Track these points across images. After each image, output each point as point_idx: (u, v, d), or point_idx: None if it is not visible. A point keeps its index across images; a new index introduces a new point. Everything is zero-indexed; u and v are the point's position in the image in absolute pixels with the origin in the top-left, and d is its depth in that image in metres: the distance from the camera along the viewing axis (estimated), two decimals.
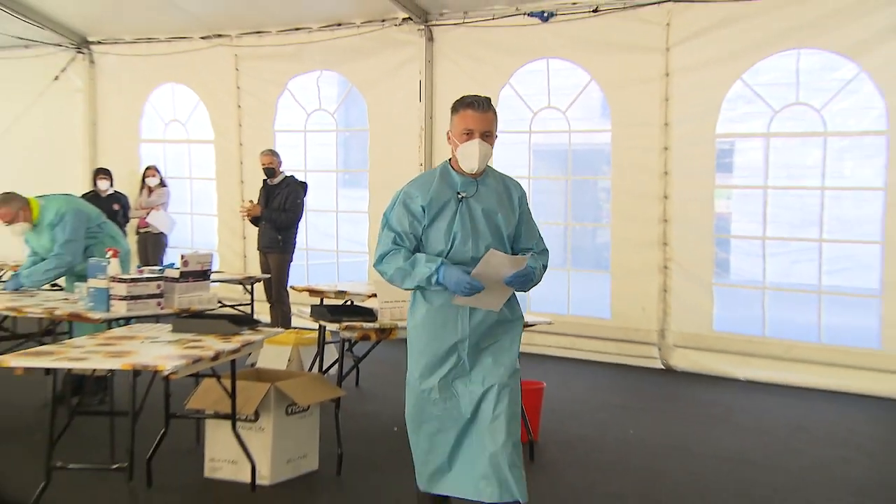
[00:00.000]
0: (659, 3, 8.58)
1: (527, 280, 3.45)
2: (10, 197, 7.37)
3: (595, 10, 8.94)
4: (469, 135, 3.33)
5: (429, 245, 3.52)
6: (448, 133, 3.57)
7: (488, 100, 3.46)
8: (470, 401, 3.52)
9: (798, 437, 7.08)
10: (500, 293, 3.46)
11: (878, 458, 6.72)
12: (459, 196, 3.42)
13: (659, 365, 9.15)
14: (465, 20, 9.68)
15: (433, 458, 3.66)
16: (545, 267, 3.65)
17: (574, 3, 9.06)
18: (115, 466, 5.01)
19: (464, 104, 3.42)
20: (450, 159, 3.59)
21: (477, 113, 3.35)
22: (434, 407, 3.56)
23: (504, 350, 3.66)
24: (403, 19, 9.88)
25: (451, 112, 3.51)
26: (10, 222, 7.38)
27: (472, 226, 3.46)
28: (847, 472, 6.32)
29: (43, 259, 7.46)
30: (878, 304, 8.19)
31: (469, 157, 3.38)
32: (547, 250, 3.76)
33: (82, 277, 6.75)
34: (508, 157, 9.87)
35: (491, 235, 3.49)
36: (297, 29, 10.57)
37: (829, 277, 8.53)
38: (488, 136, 3.38)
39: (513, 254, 3.60)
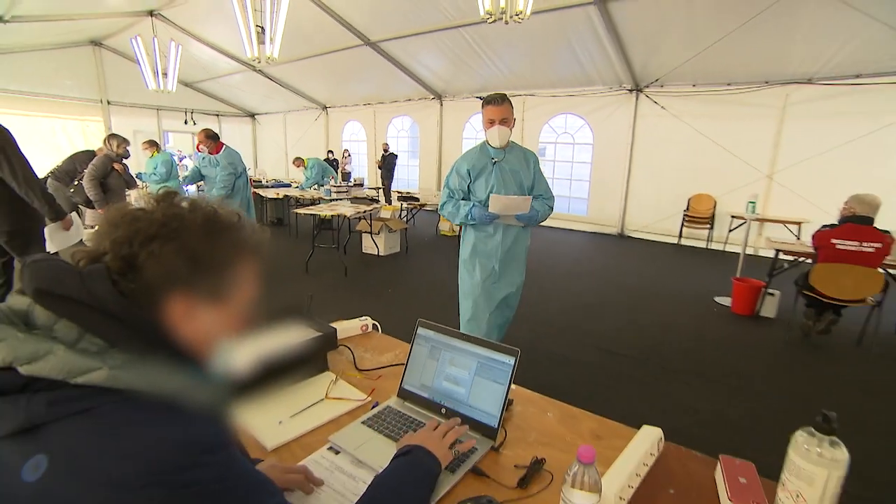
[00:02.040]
0: (521, 96, 8.31)
1: (531, 219, 2.52)
2: (298, 157, 7.90)
3: (502, 98, 8.94)
4: (492, 123, 2.43)
5: (475, 195, 2.56)
6: (482, 120, 2.51)
7: (503, 96, 2.46)
8: (499, 294, 2.62)
9: (562, 243, 7.17)
10: (514, 213, 2.48)
11: (582, 246, 6.88)
12: (493, 161, 2.50)
13: None
14: (454, 100, 9.46)
15: (473, 321, 2.64)
16: (551, 208, 2.65)
17: (491, 94, 8.98)
18: (334, 246, 5.37)
19: (486, 102, 2.47)
20: (486, 139, 2.54)
21: (495, 107, 2.42)
22: (476, 299, 2.60)
23: (519, 265, 2.67)
24: (432, 98, 9.62)
25: (482, 107, 2.49)
26: (297, 167, 7.92)
27: (503, 181, 2.51)
28: (576, 253, 6.51)
29: (307, 179, 7.79)
30: (586, 202, 8.31)
31: (493, 138, 2.46)
32: (552, 197, 2.69)
33: (322, 185, 7.33)
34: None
35: (516, 186, 2.54)
36: (394, 101, 10.28)
37: (574, 192, 8.53)
38: (505, 121, 2.42)
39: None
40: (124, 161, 4.97)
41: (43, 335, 0.48)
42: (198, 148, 4.66)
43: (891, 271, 3.32)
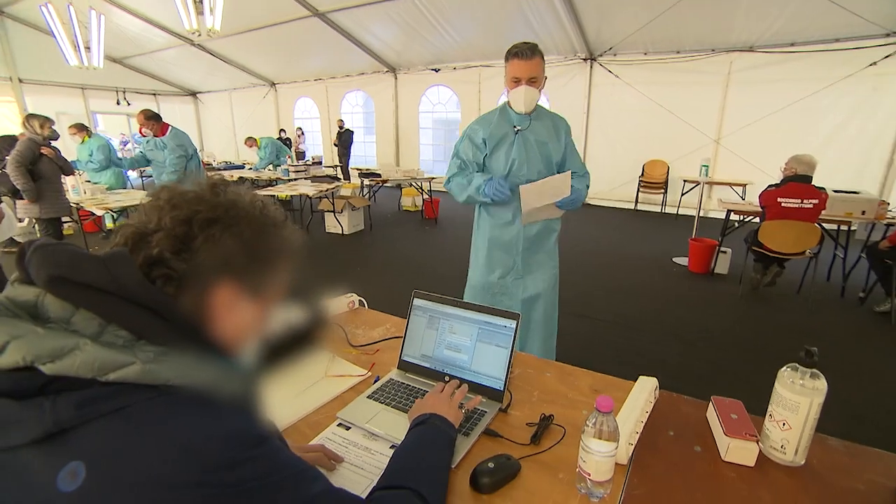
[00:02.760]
0: (475, 67, 8.34)
1: (574, 202, 1.94)
2: (250, 137, 7.52)
3: (454, 68, 8.62)
4: (517, 82, 1.83)
5: (492, 170, 1.99)
6: (504, 78, 1.89)
7: (534, 47, 1.82)
8: (523, 293, 2.08)
9: None
10: (551, 209, 1.95)
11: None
12: (516, 129, 1.93)
13: None
14: (408, 73, 9.26)
15: None
16: (587, 186, 2.05)
17: (446, 65, 8.67)
18: (296, 227, 5.46)
19: (511, 54, 1.83)
20: (508, 100, 1.94)
21: (522, 61, 1.80)
22: (493, 297, 2.11)
23: (550, 257, 2.11)
24: (385, 71, 9.39)
25: (505, 60, 1.86)
26: (250, 147, 7.55)
27: (527, 154, 1.93)
28: None
29: (261, 160, 7.47)
30: None
31: (517, 101, 1.87)
32: (588, 173, 2.07)
33: (277, 165, 7.05)
34: (424, 120, 9.91)
35: (542, 162, 1.95)
36: (347, 75, 9.94)
37: None
38: (534, 80, 1.83)
39: None
40: (53, 143, 4.52)
41: (60, 329, 0.44)
42: (140, 132, 4.31)
43: (825, 225, 3.63)
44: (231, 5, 5.34)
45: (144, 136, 4.29)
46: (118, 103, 10.91)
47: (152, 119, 4.16)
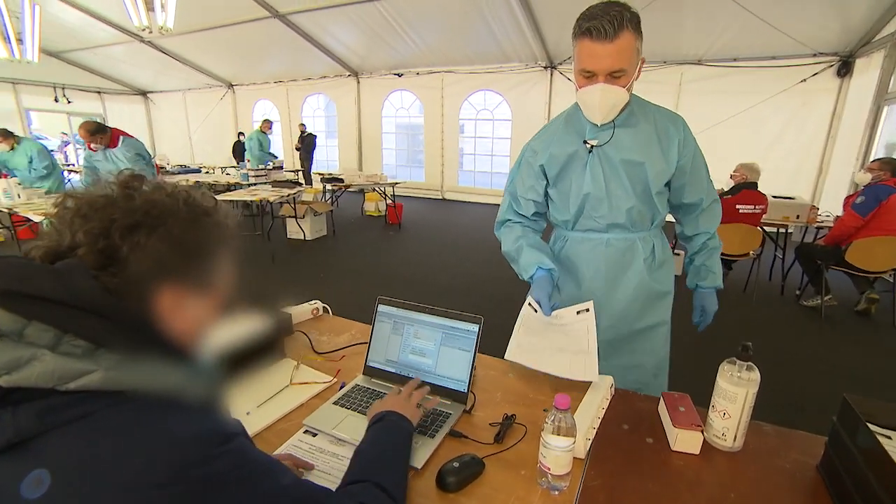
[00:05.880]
0: (438, 73, 8.39)
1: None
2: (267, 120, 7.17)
3: (417, 74, 8.61)
4: (588, 77, 1.09)
5: (554, 211, 1.35)
6: (573, 68, 1.13)
7: (619, 17, 1.00)
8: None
9: (489, 218, 7.33)
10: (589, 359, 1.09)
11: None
12: (589, 146, 1.22)
13: (440, 197, 9.14)
14: (371, 76, 9.19)
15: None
16: (715, 247, 1.37)
17: (409, 70, 8.67)
18: (257, 233, 5.16)
19: (582, 30, 1.04)
20: (579, 103, 1.21)
21: (597, 44, 1.03)
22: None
23: (659, 301, 1.48)
24: (348, 75, 9.29)
25: (572, 37, 1.09)
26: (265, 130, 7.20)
27: (607, 183, 1.23)
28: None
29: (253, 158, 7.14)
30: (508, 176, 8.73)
31: (588, 106, 1.15)
32: (716, 200, 1.30)
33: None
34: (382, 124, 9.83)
35: (634, 195, 1.23)
36: (308, 79, 9.73)
37: (495, 167, 8.71)
38: (619, 74, 1.07)
39: (671, 211, 1.34)
40: None
41: (13, 341, 0.44)
42: (89, 147, 3.91)
43: (766, 229, 3.90)
44: (185, 2, 5.19)
45: (95, 150, 3.94)
46: (56, 100, 10.18)
47: (98, 133, 3.84)
